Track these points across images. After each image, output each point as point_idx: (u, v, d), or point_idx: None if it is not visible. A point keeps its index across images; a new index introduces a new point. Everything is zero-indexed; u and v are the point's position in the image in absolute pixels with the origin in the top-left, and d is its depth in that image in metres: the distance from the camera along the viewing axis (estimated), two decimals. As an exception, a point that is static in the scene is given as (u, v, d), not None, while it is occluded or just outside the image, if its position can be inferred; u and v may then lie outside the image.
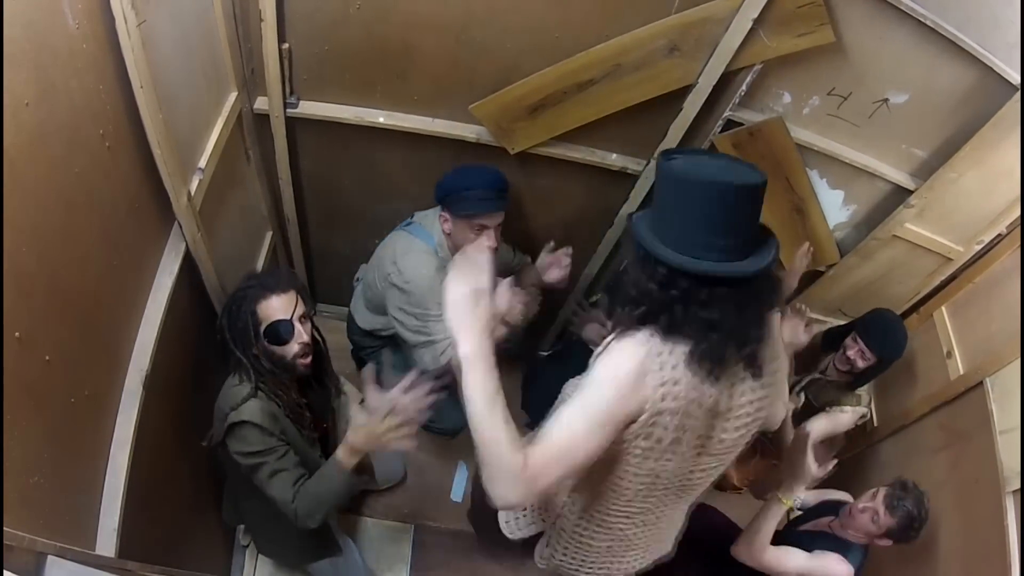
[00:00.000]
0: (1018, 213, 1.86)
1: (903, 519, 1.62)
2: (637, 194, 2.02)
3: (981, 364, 1.88)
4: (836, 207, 2.04)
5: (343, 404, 1.74)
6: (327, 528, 1.88)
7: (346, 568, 1.92)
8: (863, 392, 2.16)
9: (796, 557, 1.65)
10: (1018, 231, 1.87)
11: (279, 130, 1.86)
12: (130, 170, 1.29)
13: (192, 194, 1.47)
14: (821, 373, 2.22)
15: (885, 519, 1.62)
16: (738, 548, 1.67)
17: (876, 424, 2.32)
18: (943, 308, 2.13)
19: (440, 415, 2.12)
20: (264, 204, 2.14)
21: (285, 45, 1.64)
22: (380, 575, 2.24)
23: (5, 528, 0.83)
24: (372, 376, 1.43)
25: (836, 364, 2.13)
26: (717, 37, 1.58)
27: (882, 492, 1.66)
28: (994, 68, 1.55)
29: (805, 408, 2.20)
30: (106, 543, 1.20)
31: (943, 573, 1.82)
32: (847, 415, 2.13)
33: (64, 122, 1.03)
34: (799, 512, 1.97)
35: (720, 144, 1.83)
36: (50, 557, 0.94)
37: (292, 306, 1.46)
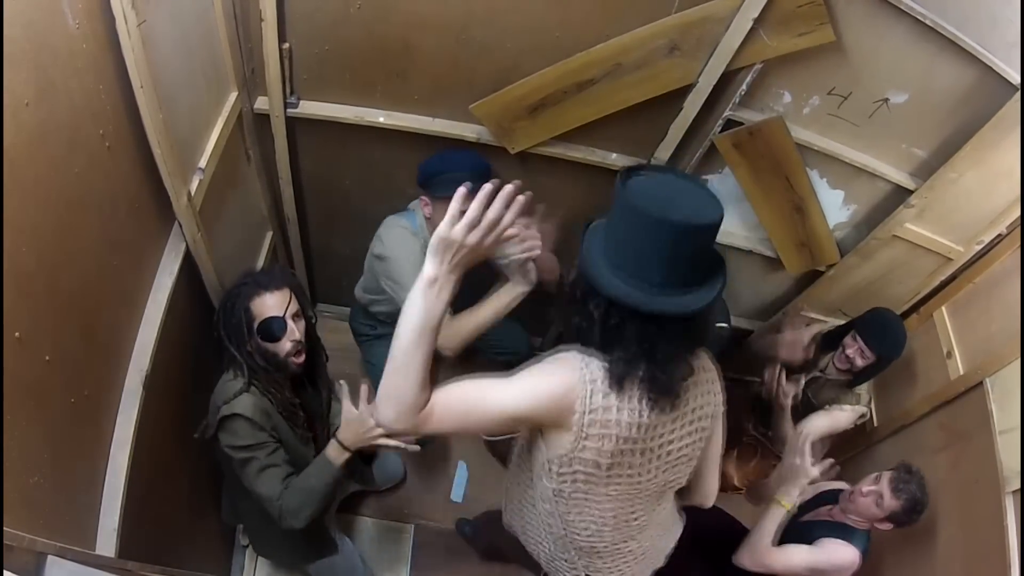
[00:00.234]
0: (1018, 213, 1.85)
1: (908, 502, 1.63)
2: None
3: (981, 364, 1.88)
4: (836, 207, 2.04)
5: (335, 413, 1.75)
6: (323, 528, 1.88)
7: (345, 568, 1.91)
8: (863, 391, 2.16)
9: (799, 553, 1.64)
10: (1018, 231, 1.87)
11: (279, 130, 1.86)
12: (130, 170, 1.29)
13: (192, 194, 1.47)
14: (821, 372, 2.22)
15: (890, 502, 1.63)
16: (741, 556, 1.65)
17: (876, 424, 2.32)
18: (943, 308, 2.13)
19: None
20: (264, 204, 2.14)
21: (285, 45, 1.64)
22: (380, 575, 2.24)
23: (5, 528, 0.83)
24: (347, 392, 1.48)
25: (835, 363, 2.13)
26: (717, 37, 1.58)
27: (887, 476, 1.67)
28: (994, 68, 1.55)
29: (805, 407, 2.20)
30: (106, 543, 1.21)
31: (943, 573, 1.82)
32: (846, 413, 2.13)
33: (64, 122, 1.03)
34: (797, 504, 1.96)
35: (720, 143, 1.83)
36: (50, 557, 0.94)
37: (285, 303, 1.47)
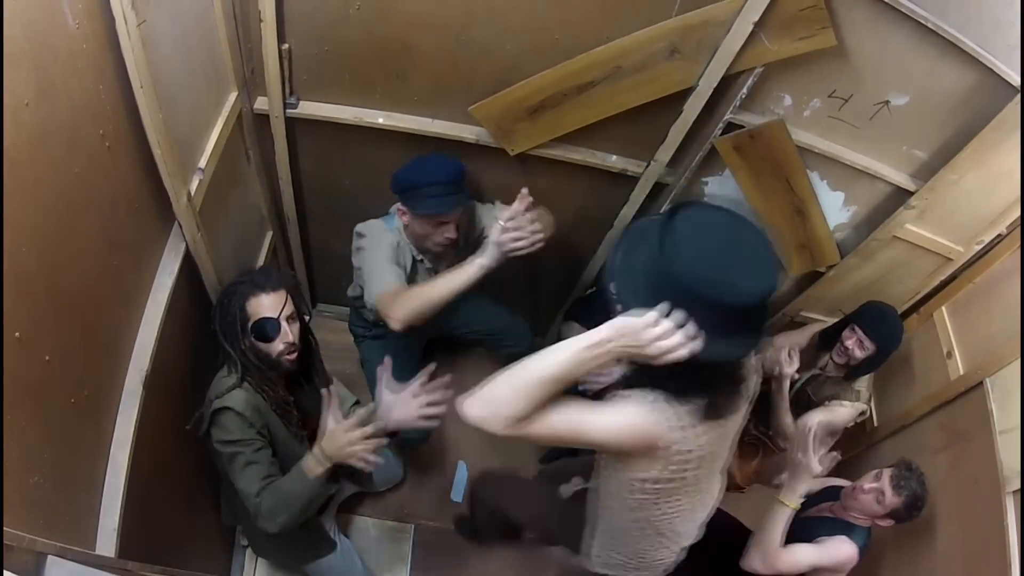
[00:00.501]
0: (1018, 214, 1.86)
1: (909, 498, 1.64)
2: (637, 196, 2.02)
3: (981, 364, 1.88)
4: (837, 208, 2.04)
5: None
6: (320, 528, 1.89)
7: (344, 568, 1.91)
8: (862, 388, 2.16)
9: (806, 553, 1.65)
10: (1018, 231, 1.87)
11: (279, 130, 1.86)
12: (130, 170, 1.29)
13: (192, 194, 1.47)
14: (820, 370, 2.22)
15: (891, 499, 1.65)
16: (752, 560, 1.64)
17: (876, 424, 2.32)
18: (943, 308, 2.13)
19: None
20: (264, 204, 2.14)
21: (285, 45, 1.64)
22: (380, 575, 2.24)
23: (5, 528, 0.83)
24: (329, 399, 1.50)
25: (834, 357, 2.12)
26: (718, 40, 1.58)
27: (887, 473, 1.68)
28: (995, 70, 1.55)
29: (805, 405, 2.20)
30: (106, 543, 1.21)
31: (943, 573, 1.82)
32: (846, 409, 2.13)
33: (64, 122, 1.03)
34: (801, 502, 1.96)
35: (721, 146, 1.83)
36: (50, 557, 0.94)
37: (280, 305, 1.47)
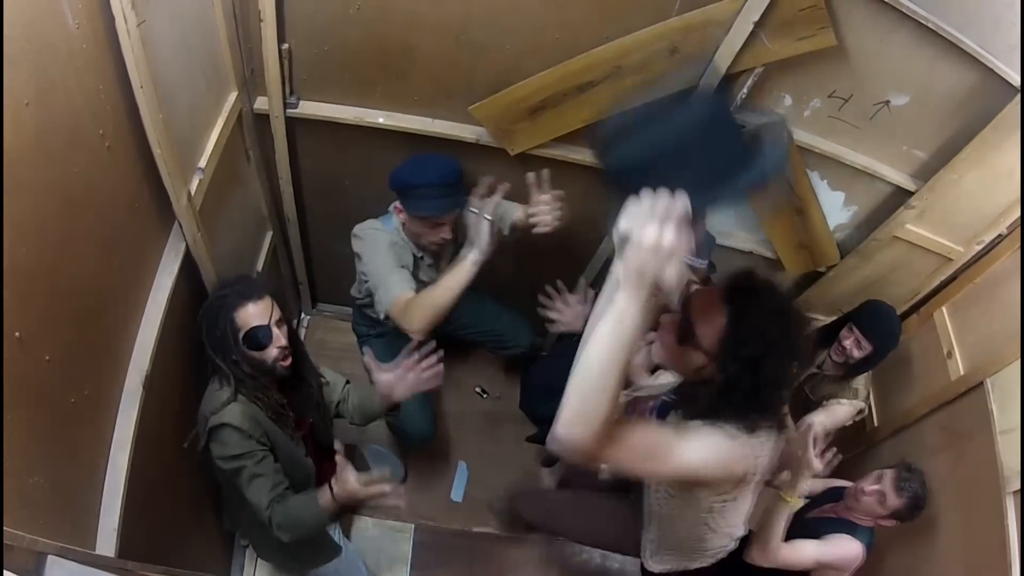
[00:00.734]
0: (1018, 214, 1.85)
1: (910, 499, 1.66)
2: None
3: (981, 364, 1.88)
4: (837, 208, 2.04)
5: (328, 391, 1.77)
6: (324, 533, 1.89)
7: (346, 570, 1.92)
8: (860, 386, 2.15)
9: (808, 548, 1.66)
10: (1018, 232, 1.87)
11: (279, 130, 1.86)
12: (130, 170, 1.29)
13: (192, 194, 1.47)
14: (818, 368, 2.22)
15: (893, 501, 1.66)
16: (752, 553, 1.65)
17: (876, 425, 2.32)
18: (943, 308, 2.13)
19: (406, 418, 2.13)
20: (264, 204, 2.14)
21: (285, 45, 1.64)
22: (380, 575, 2.24)
23: (5, 528, 0.83)
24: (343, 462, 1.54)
25: (832, 356, 2.11)
26: (718, 40, 1.58)
27: (889, 475, 1.69)
28: (995, 70, 1.55)
29: (803, 404, 2.20)
30: (106, 543, 1.20)
31: (943, 573, 1.82)
32: (844, 407, 2.13)
33: (64, 122, 1.03)
34: (805, 501, 1.96)
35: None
36: (50, 557, 0.93)
37: (269, 311, 1.47)
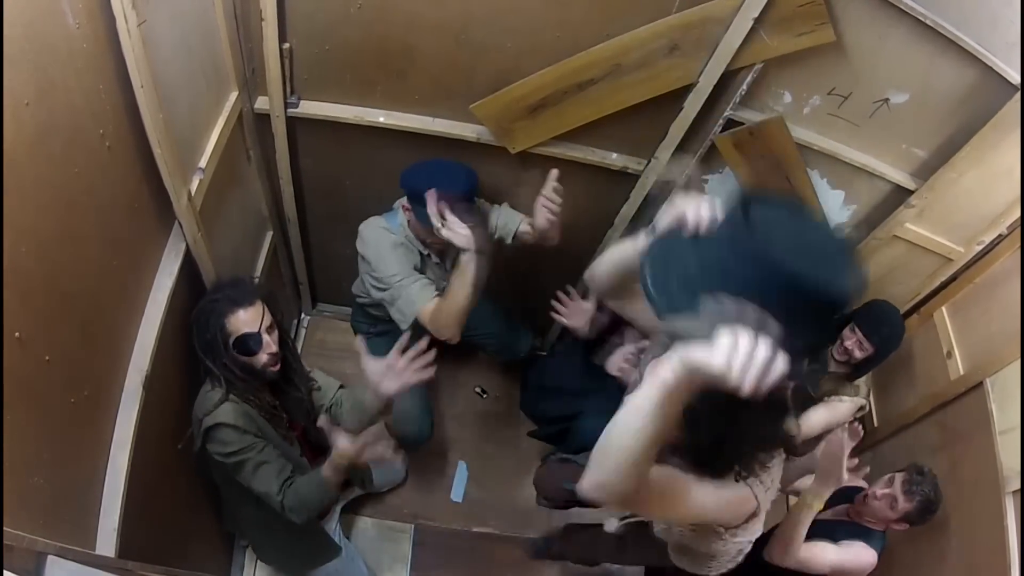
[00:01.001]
0: (1018, 213, 1.85)
1: (921, 503, 1.64)
2: (637, 194, 2.02)
3: (981, 364, 1.88)
4: (837, 207, 2.03)
5: (319, 396, 1.76)
6: (324, 532, 1.89)
7: (346, 570, 1.92)
8: (861, 383, 2.15)
9: (828, 551, 1.65)
10: (1018, 231, 1.86)
11: (280, 130, 1.86)
12: (130, 170, 1.29)
13: (192, 194, 1.47)
14: (819, 365, 2.21)
15: (904, 504, 1.64)
16: (772, 552, 1.64)
17: (876, 424, 2.32)
18: (943, 308, 2.13)
19: (404, 420, 2.13)
20: (264, 204, 2.14)
21: (286, 45, 1.63)
22: (380, 575, 2.24)
23: (5, 528, 0.83)
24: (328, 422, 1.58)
25: (834, 355, 2.11)
26: (718, 37, 1.58)
27: (899, 478, 1.67)
28: (994, 68, 1.55)
29: (803, 401, 2.19)
30: (106, 543, 1.21)
31: (942, 573, 1.82)
32: (846, 404, 2.12)
33: (64, 122, 1.03)
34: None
35: (721, 143, 1.83)
36: (50, 557, 0.94)
37: (259, 318, 1.47)
